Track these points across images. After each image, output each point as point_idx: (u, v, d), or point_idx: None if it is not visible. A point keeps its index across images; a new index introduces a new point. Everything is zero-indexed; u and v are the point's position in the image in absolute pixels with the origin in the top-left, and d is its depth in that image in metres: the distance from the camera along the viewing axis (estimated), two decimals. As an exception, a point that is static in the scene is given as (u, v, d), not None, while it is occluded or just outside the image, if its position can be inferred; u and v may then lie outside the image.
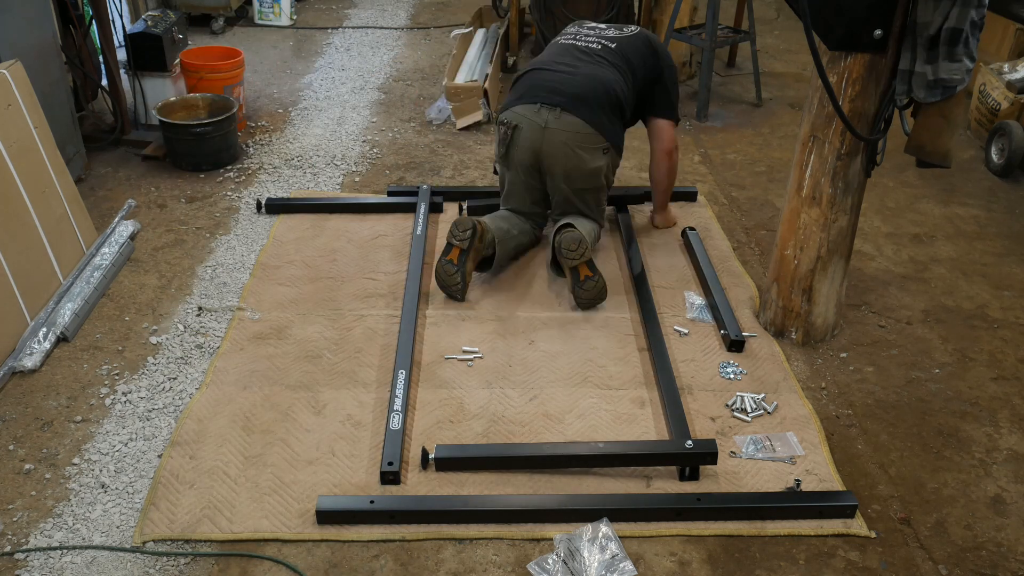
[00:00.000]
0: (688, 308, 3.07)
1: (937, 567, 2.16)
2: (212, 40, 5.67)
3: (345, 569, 2.11)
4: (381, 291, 3.14)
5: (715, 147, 4.39)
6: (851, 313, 3.10)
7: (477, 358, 2.78)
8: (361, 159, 4.17)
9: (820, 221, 2.74)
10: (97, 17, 3.92)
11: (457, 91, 4.43)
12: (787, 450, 2.46)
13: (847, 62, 2.51)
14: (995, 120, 4.26)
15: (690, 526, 2.23)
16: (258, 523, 2.21)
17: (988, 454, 2.51)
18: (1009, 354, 2.93)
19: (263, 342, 2.86)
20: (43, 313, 2.89)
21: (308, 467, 2.38)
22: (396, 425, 2.44)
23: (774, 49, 5.80)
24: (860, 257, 3.43)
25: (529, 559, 2.14)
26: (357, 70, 5.30)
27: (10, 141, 2.88)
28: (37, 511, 2.24)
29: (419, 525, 2.21)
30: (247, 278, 3.20)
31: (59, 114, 3.55)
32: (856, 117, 2.56)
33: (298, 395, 2.63)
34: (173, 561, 2.11)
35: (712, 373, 2.77)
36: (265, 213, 3.65)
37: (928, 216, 3.78)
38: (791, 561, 2.16)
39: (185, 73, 4.27)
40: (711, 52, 4.58)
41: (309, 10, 6.45)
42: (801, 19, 2.23)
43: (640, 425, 2.55)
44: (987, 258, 3.48)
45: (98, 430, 2.50)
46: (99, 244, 3.27)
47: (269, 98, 4.84)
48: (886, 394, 2.74)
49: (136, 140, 4.14)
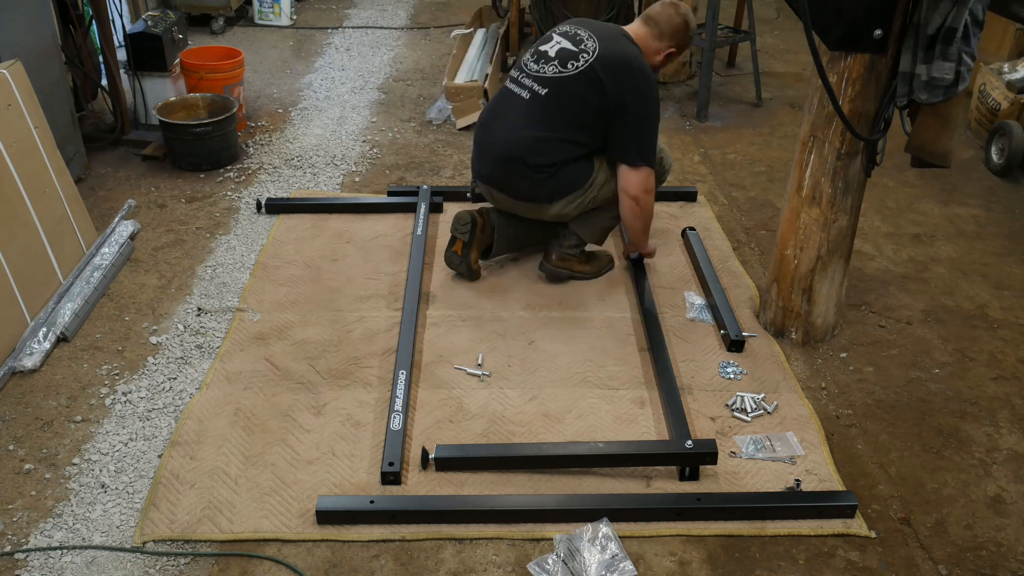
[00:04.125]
0: (688, 308, 3.07)
1: (937, 567, 2.16)
2: (212, 40, 5.67)
3: (345, 569, 2.11)
4: (381, 291, 3.14)
5: (715, 147, 4.39)
6: (851, 313, 3.10)
7: (486, 376, 2.74)
8: (361, 159, 4.17)
9: (820, 221, 2.74)
10: (97, 17, 3.92)
11: (457, 91, 4.43)
12: (787, 450, 2.46)
13: (847, 62, 2.51)
14: (995, 120, 4.26)
15: (690, 526, 2.23)
16: (258, 523, 2.21)
17: (988, 454, 2.51)
18: (1009, 354, 2.93)
19: (263, 342, 2.86)
20: (43, 313, 2.89)
21: (308, 467, 2.38)
22: (397, 425, 2.44)
23: (774, 49, 5.80)
24: (860, 257, 3.43)
25: (529, 559, 2.14)
26: (357, 70, 5.30)
27: (10, 141, 2.88)
28: (37, 511, 2.24)
29: (419, 525, 2.21)
30: (247, 278, 3.21)
31: (59, 114, 3.55)
32: (856, 117, 2.57)
33: (298, 395, 2.63)
34: (173, 561, 2.11)
35: (712, 373, 2.77)
36: (265, 213, 3.65)
37: (928, 216, 3.78)
38: (791, 561, 2.16)
39: (185, 73, 4.27)
40: (711, 52, 4.58)
41: (309, 10, 6.45)
42: (801, 19, 2.23)
43: (640, 425, 2.55)
44: (987, 258, 3.48)
45: (98, 430, 2.50)
46: (99, 244, 3.27)
47: (269, 98, 4.84)
48: (886, 394, 2.74)
49: (136, 140, 4.13)
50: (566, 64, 2.93)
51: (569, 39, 3.00)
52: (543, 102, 2.93)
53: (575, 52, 2.94)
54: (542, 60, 3.00)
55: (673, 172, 4.09)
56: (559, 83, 2.92)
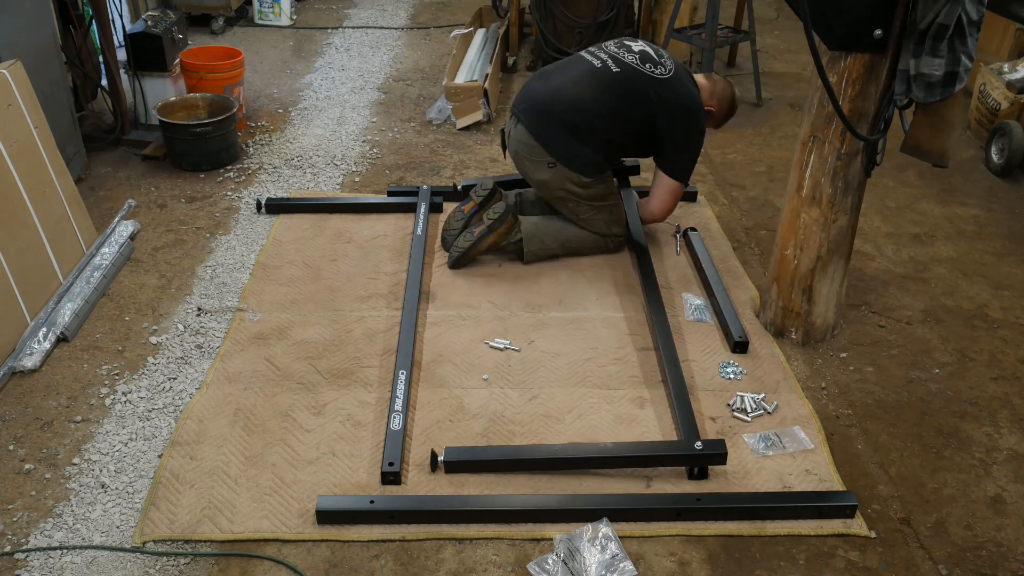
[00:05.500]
0: (687, 309, 3.07)
1: (937, 567, 2.16)
2: (212, 40, 5.67)
3: (345, 569, 2.11)
4: (381, 291, 3.14)
5: (715, 147, 4.39)
6: (851, 313, 3.10)
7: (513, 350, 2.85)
8: (361, 159, 4.17)
9: (820, 221, 2.74)
10: (97, 17, 3.92)
11: (457, 91, 4.43)
12: (796, 445, 2.47)
13: (847, 62, 2.51)
14: (995, 120, 4.26)
15: (690, 526, 2.23)
16: (258, 523, 2.21)
17: (988, 454, 2.51)
18: (1009, 354, 2.93)
19: (263, 342, 2.86)
20: (43, 313, 2.89)
21: (308, 467, 2.38)
22: (397, 425, 2.44)
23: (774, 49, 5.80)
24: (860, 257, 3.43)
25: (529, 559, 2.14)
26: (357, 70, 5.30)
27: (10, 141, 2.88)
28: (37, 511, 2.24)
29: (419, 525, 2.21)
30: (247, 278, 3.21)
31: (59, 114, 3.55)
32: (856, 117, 2.57)
33: (298, 395, 2.63)
34: (173, 561, 2.11)
35: (712, 373, 2.77)
36: (265, 213, 3.65)
37: (928, 216, 3.78)
38: (791, 561, 2.16)
39: (185, 73, 4.27)
40: (711, 52, 4.59)
41: (309, 10, 6.45)
42: (801, 19, 2.23)
43: (640, 425, 2.55)
44: (987, 258, 3.48)
45: (98, 430, 2.50)
46: (99, 244, 3.27)
47: (269, 98, 4.84)
48: (886, 394, 2.74)
49: (136, 140, 4.13)
50: (645, 64, 3.15)
51: (652, 49, 3.24)
52: (611, 77, 3.13)
53: (657, 60, 3.18)
54: (624, 49, 3.21)
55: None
56: (632, 74, 3.13)
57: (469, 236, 3.21)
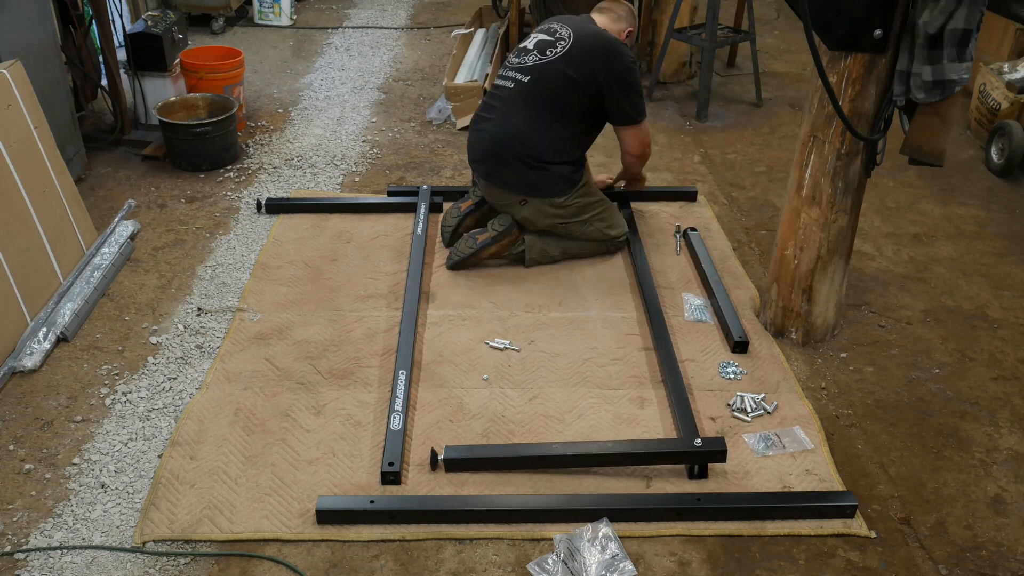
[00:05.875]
0: (686, 309, 3.07)
1: (937, 567, 2.16)
2: (212, 40, 5.67)
3: (345, 569, 2.11)
4: (381, 291, 3.14)
5: (715, 147, 4.39)
6: (851, 313, 3.10)
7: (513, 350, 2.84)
8: (361, 159, 4.17)
9: (820, 221, 2.74)
10: (97, 17, 3.92)
11: (457, 91, 4.43)
12: (796, 444, 2.47)
13: (847, 62, 2.51)
14: (995, 120, 4.26)
15: (690, 526, 2.23)
16: (258, 523, 2.21)
17: (988, 454, 2.51)
18: (1009, 354, 2.93)
19: (263, 342, 2.86)
20: (43, 313, 2.89)
21: (308, 467, 2.38)
22: (397, 425, 2.44)
23: (774, 49, 5.80)
24: (860, 257, 3.43)
25: (529, 559, 2.14)
26: (357, 70, 5.30)
27: (10, 141, 2.88)
28: (37, 511, 2.24)
29: (419, 525, 2.21)
30: (247, 278, 3.21)
31: (59, 114, 3.55)
32: (856, 117, 2.57)
33: (298, 395, 2.63)
34: (173, 561, 2.11)
35: (712, 373, 2.77)
36: (265, 213, 3.65)
37: (928, 216, 3.78)
38: (791, 561, 2.16)
39: (185, 73, 4.27)
40: (711, 52, 4.58)
41: (309, 10, 6.45)
42: (801, 19, 2.23)
43: (640, 425, 2.55)
44: (987, 258, 3.48)
45: (98, 430, 2.50)
46: (99, 244, 3.27)
47: (269, 98, 4.84)
48: (886, 394, 2.74)
49: (136, 140, 4.14)
50: (544, 52, 3.18)
51: (545, 32, 3.25)
52: (528, 89, 3.16)
53: (552, 41, 3.19)
54: (522, 54, 3.24)
55: (673, 172, 4.10)
56: (540, 69, 3.15)
57: (472, 242, 3.21)
